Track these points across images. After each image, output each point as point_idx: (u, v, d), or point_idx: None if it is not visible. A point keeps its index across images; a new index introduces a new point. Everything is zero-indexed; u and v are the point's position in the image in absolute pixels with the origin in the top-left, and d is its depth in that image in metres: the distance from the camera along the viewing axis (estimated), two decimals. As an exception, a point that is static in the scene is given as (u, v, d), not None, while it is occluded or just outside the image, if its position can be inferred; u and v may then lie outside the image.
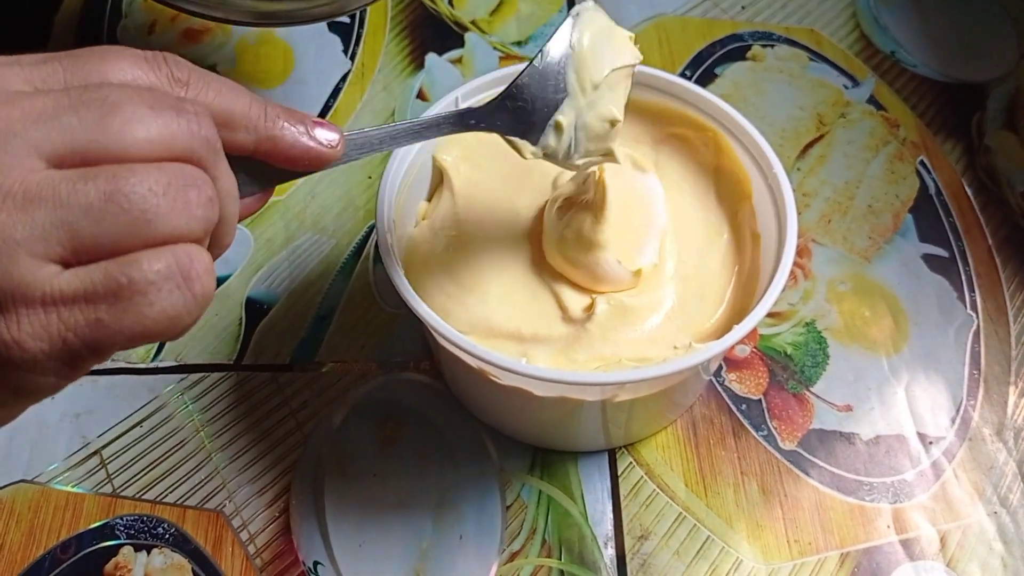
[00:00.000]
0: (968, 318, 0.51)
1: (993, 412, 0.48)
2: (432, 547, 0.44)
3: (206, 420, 0.48)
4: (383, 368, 0.50)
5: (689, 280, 0.43)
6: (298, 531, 0.45)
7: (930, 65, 0.62)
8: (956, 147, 0.58)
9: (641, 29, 0.64)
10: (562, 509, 0.45)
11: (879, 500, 0.45)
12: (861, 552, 0.44)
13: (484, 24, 0.64)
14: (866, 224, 0.55)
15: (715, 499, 0.45)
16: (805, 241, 0.54)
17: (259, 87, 0.61)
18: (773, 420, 0.48)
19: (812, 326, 0.51)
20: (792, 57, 0.62)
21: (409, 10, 0.65)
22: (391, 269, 0.40)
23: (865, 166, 0.57)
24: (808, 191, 0.56)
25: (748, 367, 0.49)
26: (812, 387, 0.49)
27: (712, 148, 0.46)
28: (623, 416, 0.44)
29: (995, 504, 0.45)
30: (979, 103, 0.60)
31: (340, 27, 0.64)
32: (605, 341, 0.41)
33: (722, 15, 0.65)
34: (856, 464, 0.46)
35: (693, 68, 0.62)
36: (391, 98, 0.60)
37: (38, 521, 0.45)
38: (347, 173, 0.57)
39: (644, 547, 0.44)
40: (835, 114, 0.59)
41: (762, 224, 0.44)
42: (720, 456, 0.47)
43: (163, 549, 0.44)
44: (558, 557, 0.44)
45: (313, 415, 0.48)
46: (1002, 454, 0.47)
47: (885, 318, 0.51)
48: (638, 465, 0.46)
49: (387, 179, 0.43)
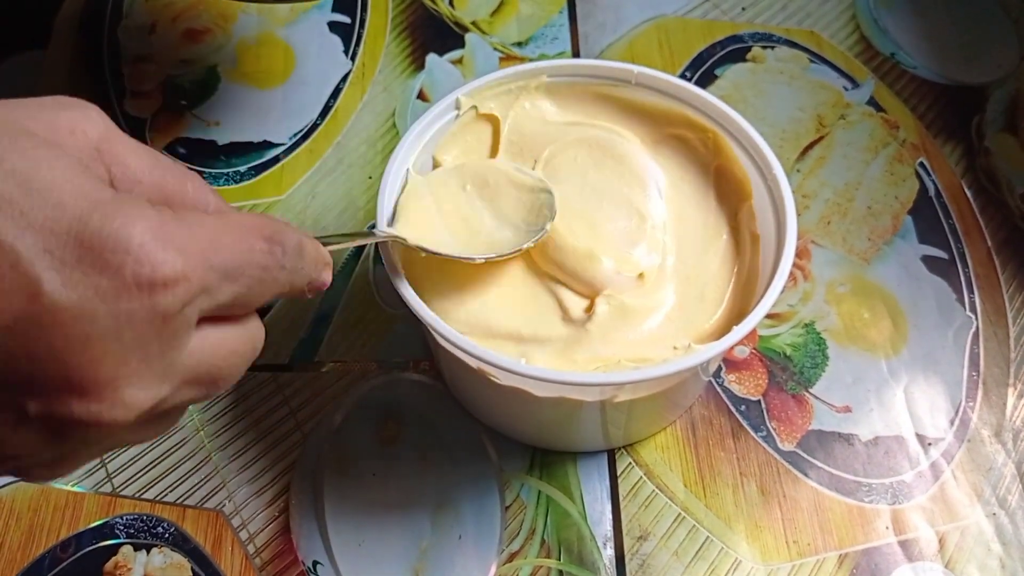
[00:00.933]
0: (967, 320, 0.51)
1: (992, 414, 0.48)
2: (431, 547, 0.44)
3: (206, 419, 0.48)
4: (383, 368, 0.50)
5: (689, 281, 0.44)
6: (297, 531, 0.45)
7: (930, 67, 0.62)
8: (956, 149, 0.58)
9: (641, 30, 0.64)
10: (561, 509, 0.45)
11: (878, 501, 0.45)
12: (860, 553, 0.44)
13: (485, 25, 0.64)
14: (865, 226, 0.55)
15: (714, 500, 0.45)
16: (804, 242, 0.54)
17: (260, 87, 0.61)
18: (772, 421, 0.48)
19: (811, 327, 0.51)
20: (792, 58, 0.62)
21: (410, 11, 0.65)
22: (391, 269, 0.40)
23: (865, 168, 0.57)
24: (808, 192, 0.56)
25: (747, 368, 0.49)
26: (811, 388, 0.49)
27: (712, 149, 0.46)
28: (622, 417, 0.44)
29: (994, 505, 0.45)
30: (979, 105, 0.60)
31: (341, 27, 0.64)
32: (604, 342, 0.41)
33: (722, 16, 0.65)
34: (855, 465, 0.46)
35: (693, 69, 0.62)
36: (392, 98, 0.60)
37: (38, 520, 0.45)
38: (347, 173, 0.57)
39: (643, 547, 0.44)
40: (835, 116, 0.59)
41: (761, 225, 0.44)
42: (719, 457, 0.47)
43: (163, 548, 0.44)
44: (557, 557, 0.44)
45: (313, 415, 0.48)
46: (1000, 456, 0.47)
47: (884, 320, 0.51)
48: (637, 465, 0.47)
49: (387, 179, 0.43)
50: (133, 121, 0.59)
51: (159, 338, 0.23)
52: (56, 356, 0.21)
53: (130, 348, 0.22)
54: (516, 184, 0.44)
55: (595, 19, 0.65)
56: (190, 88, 0.61)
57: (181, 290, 0.23)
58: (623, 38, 0.63)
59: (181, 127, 0.59)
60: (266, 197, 0.56)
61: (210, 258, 0.24)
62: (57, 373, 0.22)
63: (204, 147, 0.58)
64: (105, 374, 0.22)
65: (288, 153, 0.58)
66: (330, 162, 0.58)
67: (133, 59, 0.62)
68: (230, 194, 0.56)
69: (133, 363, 0.23)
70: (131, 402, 0.23)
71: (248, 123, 0.59)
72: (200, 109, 0.60)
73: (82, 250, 0.21)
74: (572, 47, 0.63)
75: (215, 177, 0.57)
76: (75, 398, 0.22)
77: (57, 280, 0.21)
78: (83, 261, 0.21)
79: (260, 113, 0.60)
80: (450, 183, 0.44)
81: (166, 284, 0.22)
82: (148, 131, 0.59)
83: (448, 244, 0.41)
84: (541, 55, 0.62)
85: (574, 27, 0.64)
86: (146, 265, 0.22)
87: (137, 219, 0.22)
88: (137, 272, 0.22)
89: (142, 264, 0.22)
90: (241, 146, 0.58)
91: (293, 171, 0.57)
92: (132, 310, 0.22)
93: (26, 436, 0.23)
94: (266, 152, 0.58)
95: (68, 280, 0.21)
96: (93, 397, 0.22)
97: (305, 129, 0.59)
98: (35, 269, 0.21)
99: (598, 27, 0.64)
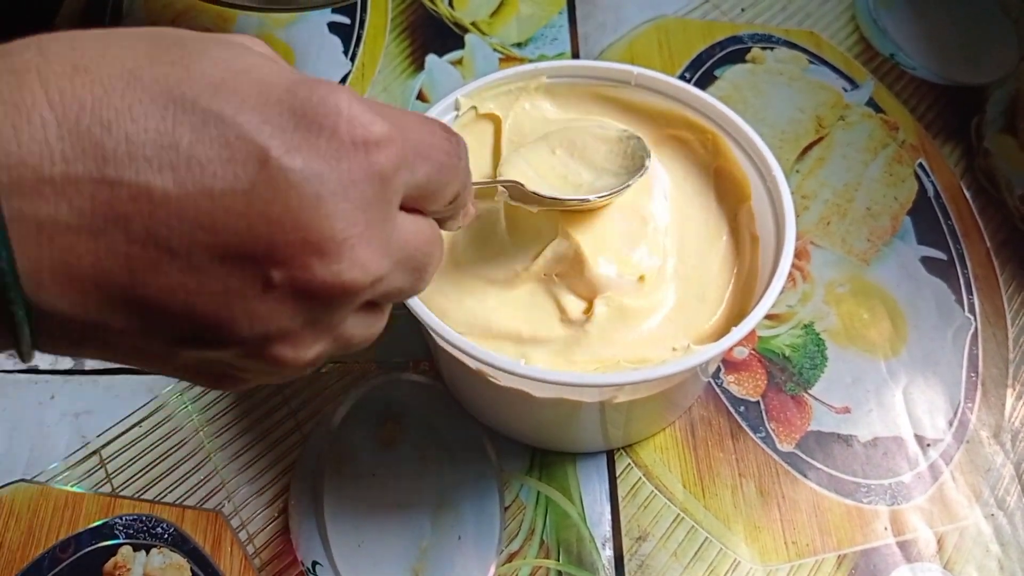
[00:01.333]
0: (966, 321, 0.51)
1: (991, 415, 0.48)
2: (431, 547, 0.44)
3: (205, 420, 0.48)
4: (383, 368, 0.50)
5: (688, 282, 0.44)
6: (297, 531, 0.45)
7: (929, 68, 0.62)
8: (955, 150, 0.58)
9: (641, 31, 0.64)
10: (560, 510, 0.45)
11: (877, 502, 0.46)
12: (858, 554, 0.44)
13: (484, 25, 0.64)
14: (865, 226, 0.55)
15: (713, 500, 0.45)
16: (804, 243, 0.54)
17: (259, 88, 0.61)
18: (771, 422, 0.48)
19: (810, 328, 0.51)
20: (792, 59, 0.62)
21: (409, 11, 0.65)
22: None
23: (864, 168, 0.57)
24: (807, 193, 0.56)
25: (746, 369, 0.49)
26: (810, 389, 0.49)
27: (711, 150, 0.46)
28: (621, 417, 0.44)
29: (992, 506, 0.45)
30: (978, 106, 0.60)
31: (341, 28, 0.64)
32: (604, 342, 0.41)
33: (722, 17, 0.65)
34: (854, 466, 0.47)
35: (693, 70, 0.62)
36: (391, 99, 0.60)
37: (37, 520, 0.45)
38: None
39: (642, 548, 0.44)
40: (834, 116, 0.59)
41: (761, 226, 0.44)
42: (718, 457, 0.47)
43: (162, 549, 0.44)
44: (556, 558, 0.44)
45: (313, 415, 0.48)
46: (999, 456, 0.47)
47: (883, 320, 0.51)
48: (636, 466, 0.47)
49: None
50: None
51: (380, 201, 0.24)
52: (293, 216, 0.22)
53: (358, 207, 0.23)
54: (602, 138, 0.44)
55: (595, 20, 0.65)
56: (190, 88, 0.61)
57: (392, 152, 0.24)
58: (623, 39, 0.63)
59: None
60: (266, 197, 0.56)
61: (405, 130, 0.25)
62: (296, 236, 0.22)
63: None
64: (340, 232, 0.23)
65: (288, 154, 0.58)
66: (330, 163, 0.58)
67: (133, 59, 0.62)
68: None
69: (361, 223, 0.23)
70: (366, 262, 0.24)
71: (248, 123, 0.59)
72: (200, 109, 0.60)
73: (296, 118, 0.22)
74: (572, 48, 0.63)
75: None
76: (315, 258, 0.23)
77: (281, 146, 0.22)
78: (300, 127, 0.22)
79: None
80: (540, 150, 0.44)
81: (379, 144, 0.23)
82: (148, 131, 0.59)
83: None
84: (541, 56, 0.62)
85: (574, 28, 0.64)
86: (358, 126, 0.23)
87: (338, 88, 0.23)
88: (352, 132, 0.23)
89: (354, 125, 0.23)
90: (241, 146, 0.58)
91: (293, 172, 0.57)
92: (353, 169, 0.23)
93: (273, 306, 0.23)
94: (266, 152, 0.58)
95: (291, 144, 0.22)
96: (332, 256, 0.23)
97: (305, 130, 0.59)
98: (261, 137, 0.22)
99: (598, 28, 0.64)
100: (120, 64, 0.22)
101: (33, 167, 0.20)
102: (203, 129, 0.22)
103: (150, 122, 0.21)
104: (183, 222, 0.21)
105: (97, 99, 0.21)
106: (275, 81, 0.23)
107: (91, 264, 0.21)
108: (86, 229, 0.21)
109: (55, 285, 0.21)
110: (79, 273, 0.21)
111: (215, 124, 0.22)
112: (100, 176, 0.21)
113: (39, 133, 0.20)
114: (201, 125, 0.22)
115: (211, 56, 0.23)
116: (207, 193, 0.21)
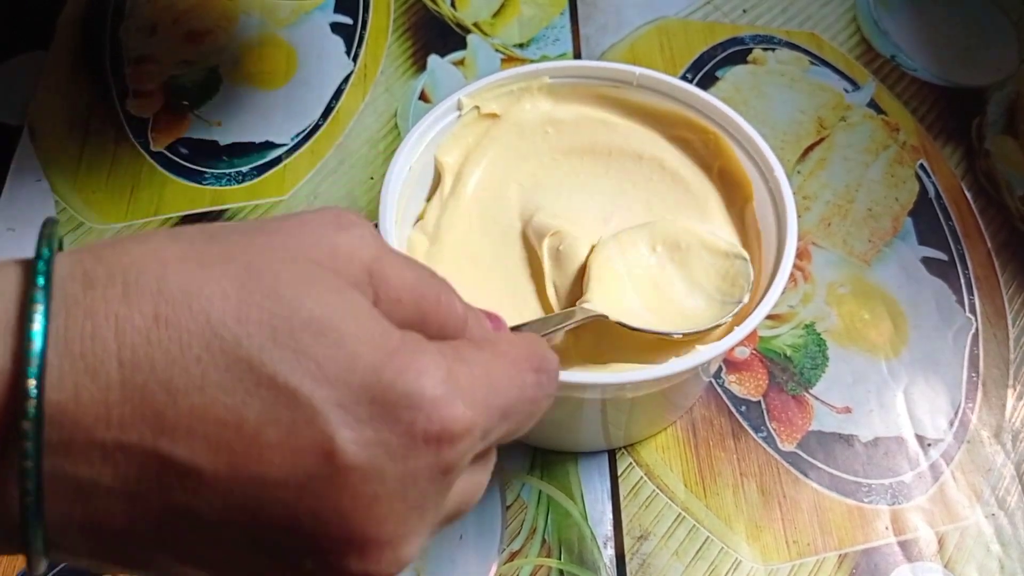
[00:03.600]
0: (967, 321, 0.51)
1: (991, 415, 0.48)
2: (432, 547, 0.44)
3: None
4: (384, 368, 0.50)
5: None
6: (299, 530, 0.45)
7: (930, 69, 0.63)
8: (956, 151, 0.59)
9: (643, 32, 0.64)
10: (562, 509, 0.45)
11: (877, 502, 0.46)
12: (859, 553, 0.44)
13: (486, 26, 0.64)
14: (866, 227, 0.55)
15: (714, 500, 0.46)
16: (805, 244, 0.54)
17: (262, 88, 0.61)
18: (772, 422, 0.48)
19: (812, 328, 0.51)
20: (793, 60, 0.63)
21: (412, 12, 0.65)
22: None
23: (865, 169, 0.57)
24: (808, 194, 0.56)
25: (748, 369, 0.50)
26: (811, 389, 0.49)
27: (713, 151, 0.46)
28: (623, 417, 0.44)
29: (993, 506, 0.46)
30: (979, 107, 0.61)
31: (343, 28, 0.64)
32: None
33: (723, 18, 0.65)
34: (855, 466, 0.47)
35: (694, 71, 0.62)
36: (393, 100, 0.61)
37: (40, 519, 0.45)
38: (349, 173, 0.57)
39: (643, 547, 0.44)
40: (835, 117, 0.60)
41: (762, 226, 0.44)
42: (719, 457, 0.47)
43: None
44: (558, 557, 0.44)
45: (314, 415, 0.48)
46: (1000, 456, 0.47)
47: (884, 321, 0.51)
48: (638, 466, 0.47)
49: (389, 179, 0.43)
50: (135, 121, 0.60)
51: (437, 494, 0.23)
52: (342, 516, 0.21)
53: (412, 507, 0.22)
54: (709, 248, 0.42)
55: (596, 21, 0.65)
56: (192, 88, 0.61)
57: (466, 443, 0.22)
58: (624, 40, 0.64)
59: (183, 127, 0.59)
60: (269, 197, 0.56)
61: (492, 402, 0.24)
62: (340, 534, 0.21)
63: (206, 147, 0.58)
64: (387, 534, 0.22)
65: (290, 154, 0.58)
66: (332, 163, 0.58)
67: (135, 59, 0.62)
68: (233, 195, 0.56)
69: (412, 521, 0.22)
70: (404, 559, 0.22)
71: (250, 124, 0.59)
72: (202, 109, 0.60)
73: (374, 406, 0.21)
74: (574, 49, 0.63)
75: (217, 177, 0.57)
76: (354, 557, 0.21)
77: (350, 438, 0.21)
78: (375, 417, 0.21)
79: (262, 114, 0.60)
80: (640, 244, 0.43)
81: (453, 440, 0.22)
82: (150, 131, 0.59)
83: (640, 314, 0.41)
84: (543, 56, 0.63)
85: (575, 29, 0.64)
86: (436, 422, 0.22)
87: (427, 369, 0.22)
88: (427, 429, 0.21)
89: (432, 421, 0.21)
90: (243, 146, 0.59)
91: (295, 172, 0.57)
92: (418, 468, 0.22)
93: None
94: (268, 153, 0.58)
95: (360, 437, 0.21)
96: (372, 558, 0.22)
97: (307, 130, 0.59)
98: (331, 426, 0.20)
99: (599, 29, 0.64)
100: (205, 317, 0.20)
101: (86, 429, 0.19)
102: (273, 410, 0.20)
103: (219, 395, 0.20)
104: (226, 505, 0.20)
105: (171, 362, 0.20)
106: (364, 354, 0.21)
107: (122, 524, 0.21)
108: (125, 494, 0.20)
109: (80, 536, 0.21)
110: (107, 529, 0.21)
111: (287, 405, 0.20)
112: (153, 448, 0.20)
113: (101, 395, 0.19)
114: (272, 403, 0.20)
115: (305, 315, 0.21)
116: (259, 480, 0.20)
